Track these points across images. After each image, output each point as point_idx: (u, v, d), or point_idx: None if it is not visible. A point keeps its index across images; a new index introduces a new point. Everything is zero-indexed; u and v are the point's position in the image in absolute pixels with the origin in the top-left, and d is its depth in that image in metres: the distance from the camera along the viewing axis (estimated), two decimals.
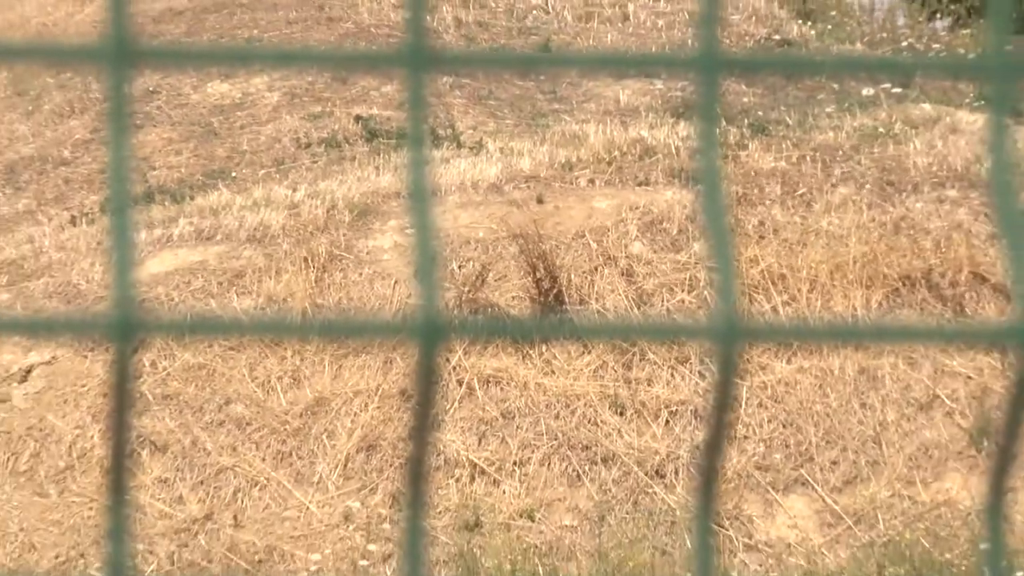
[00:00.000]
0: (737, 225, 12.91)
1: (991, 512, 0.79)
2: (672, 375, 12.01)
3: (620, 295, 12.55)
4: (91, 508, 10.98)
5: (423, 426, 0.76)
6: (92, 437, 11.32)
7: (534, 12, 19.08)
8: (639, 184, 13.63)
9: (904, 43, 20.61)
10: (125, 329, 0.71)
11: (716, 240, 0.73)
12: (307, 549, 10.88)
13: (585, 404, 11.75)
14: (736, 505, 11.24)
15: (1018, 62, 0.79)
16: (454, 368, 11.42)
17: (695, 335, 0.74)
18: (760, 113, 15.10)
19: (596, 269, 12.64)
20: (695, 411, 11.77)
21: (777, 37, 18.68)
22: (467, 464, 11.25)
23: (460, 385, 11.27)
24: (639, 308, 12.41)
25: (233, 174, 15.02)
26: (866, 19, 22.59)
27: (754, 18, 18.91)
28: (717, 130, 0.75)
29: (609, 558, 10.74)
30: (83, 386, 11.66)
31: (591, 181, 13.73)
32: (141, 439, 11.32)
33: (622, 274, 12.69)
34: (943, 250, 12.78)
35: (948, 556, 10.61)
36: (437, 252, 0.76)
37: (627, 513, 11.16)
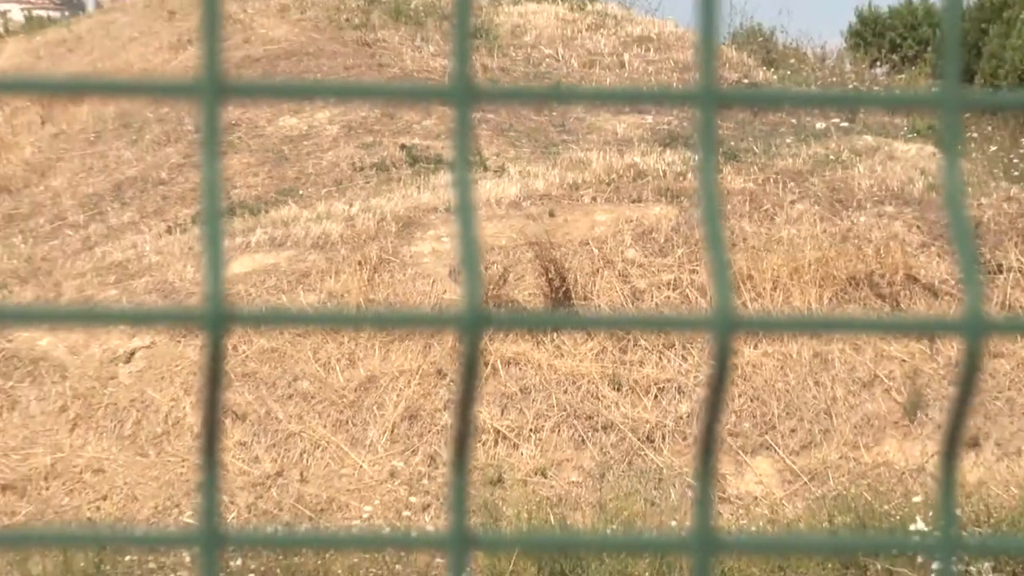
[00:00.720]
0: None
1: (944, 474, 0.78)
2: (660, 358, 12.02)
3: (617, 292, 12.55)
4: (183, 466, 10.99)
5: (467, 400, 0.74)
6: (184, 408, 11.33)
7: (547, 60, 19.10)
8: (632, 201, 13.63)
9: (850, 86, 20.70)
10: (217, 320, 0.70)
11: (713, 247, 0.72)
12: (360, 501, 10.88)
13: (588, 381, 11.75)
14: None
15: (969, 97, 0.77)
16: (481, 351, 11.42)
17: (697, 327, 0.72)
18: (732, 143, 15.09)
19: (597, 271, 12.63)
20: (679, 387, 11.77)
21: (746, 81, 18.69)
22: (492, 431, 11.25)
23: (486, 365, 11.24)
24: (633, 303, 12.41)
25: (300, 192, 15.03)
26: (819, 66, 22.60)
27: (727, 64, 18.88)
28: (715, 156, 0.73)
29: (608, 508, 10.75)
30: (177, 366, 11.66)
31: (593, 198, 13.73)
32: (224, 410, 11.32)
33: (619, 275, 12.69)
34: (882, 256, 12.76)
35: (886, 508, 10.61)
36: (479, 257, 0.75)
37: (623, 471, 11.15)
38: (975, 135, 17.14)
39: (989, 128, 17.13)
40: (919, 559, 9.21)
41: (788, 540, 0.94)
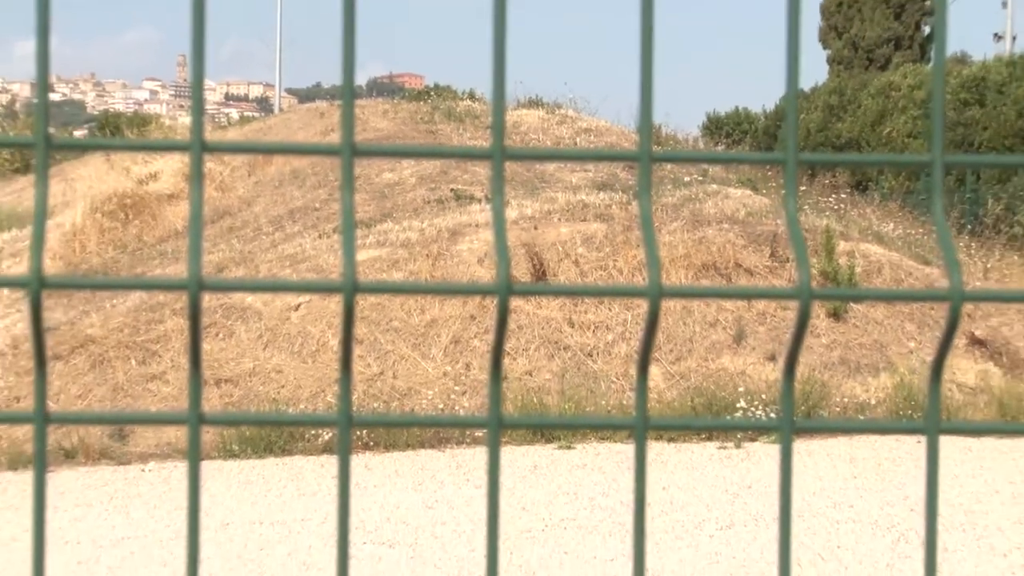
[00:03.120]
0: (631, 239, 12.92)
1: (786, 377, 0.73)
2: (598, 309, 12.00)
3: (572, 272, 12.53)
4: (328, 369, 10.99)
5: (500, 336, 0.69)
6: (328, 336, 11.33)
7: (533, 141, 19.07)
8: (581, 220, 13.61)
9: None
10: (351, 288, 0.65)
11: (648, 245, 0.67)
12: (426, 389, 10.87)
13: (555, 322, 11.73)
14: (624, 373, 11.20)
15: (803, 158, 0.73)
16: (508, 308, 11.49)
17: (637, 294, 0.67)
18: (633, 188, 15.10)
19: (561, 260, 12.62)
20: (607, 325, 11.76)
21: None
22: None
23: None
24: (581, 279, 12.40)
25: (393, 215, 15.01)
26: (680, 142, 22.69)
27: (630, 142, 18.89)
28: (648, 193, 0.68)
29: (566, 394, 10.72)
30: (324, 313, 11.66)
31: (559, 219, 13.71)
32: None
33: (573, 263, 12.67)
34: (721, 252, 12.74)
35: (723, 395, 10.55)
36: (507, 252, 0.70)
37: (575, 374, 11.14)
38: (776, 179, 17.14)
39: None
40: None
41: (672, 420, 0.90)
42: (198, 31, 0.69)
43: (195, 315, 0.68)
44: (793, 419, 0.71)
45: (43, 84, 0.67)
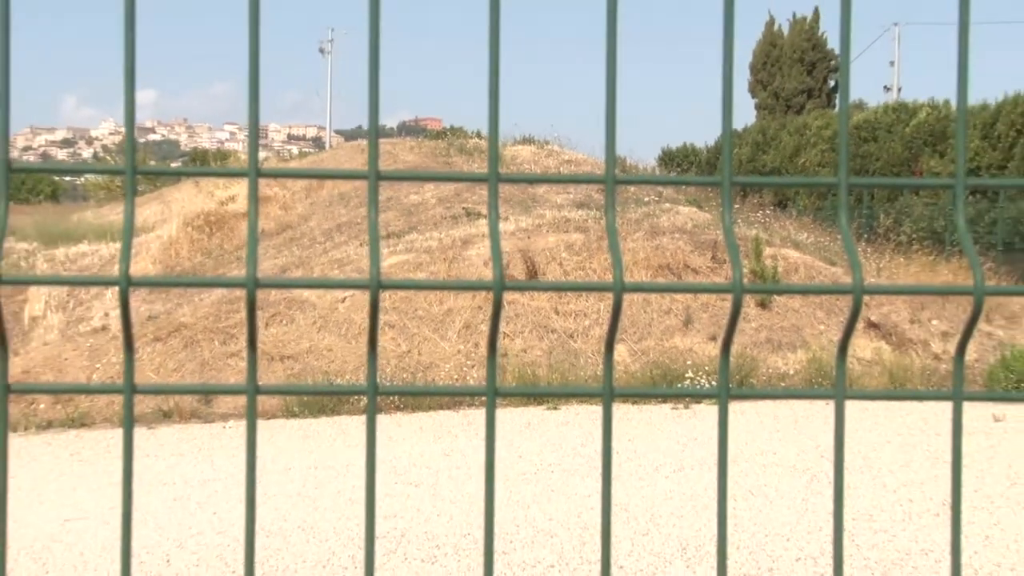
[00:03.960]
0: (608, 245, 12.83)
1: (723, 354, 0.71)
2: (577, 301, 11.95)
3: (558, 272, 12.48)
4: (361, 347, 10.94)
5: (495, 326, 0.68)
6: (364, 321, 11.28)
7: (525, 170, 18.98)
8: (564, 232, 13.56)
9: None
10: (377, 286, 0.63)
11: (613, 250, 0.65)
12: (443, 363, 10.84)
13: (544, 310, 11.69)
14: (598, 351, 11.16)
15: (738, 180, 0.71)
16: (502, 301, 11.42)
17: (602, 289, 0.66)
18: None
19: (548, 263, 12.57)
20: (584, 313, 11.71)
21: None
22: (501, 334, 11.21)
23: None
24: (564, 277, 12.35)
25: (417, 228, 14.95)
26: (640, 169, 22.51)
27: (597, 169, 18.81)
28: (613, 210, 0.67)
29: (553, 367, 10.69)
30: (364, 303, 11.61)
31: (547, 231, 13.66)
32: (381, 325, 11.27)
33: (559, 264, 12.62)
34: (674, 256, 12.69)
35: (675, 367, 10.53)
36: (500, 256, 0.68)
37: (559, 351, 11.11)
38: (715, 199, 17.09)
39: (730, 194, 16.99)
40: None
41: (635, 388, 0.87)
42: (253, 87, 0.67)
43: (251, 307, 0.67)
44: (729, 387, 0.70)
45: (130, 126, 0.65)
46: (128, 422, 0.66)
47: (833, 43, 29.57)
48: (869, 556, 5.09)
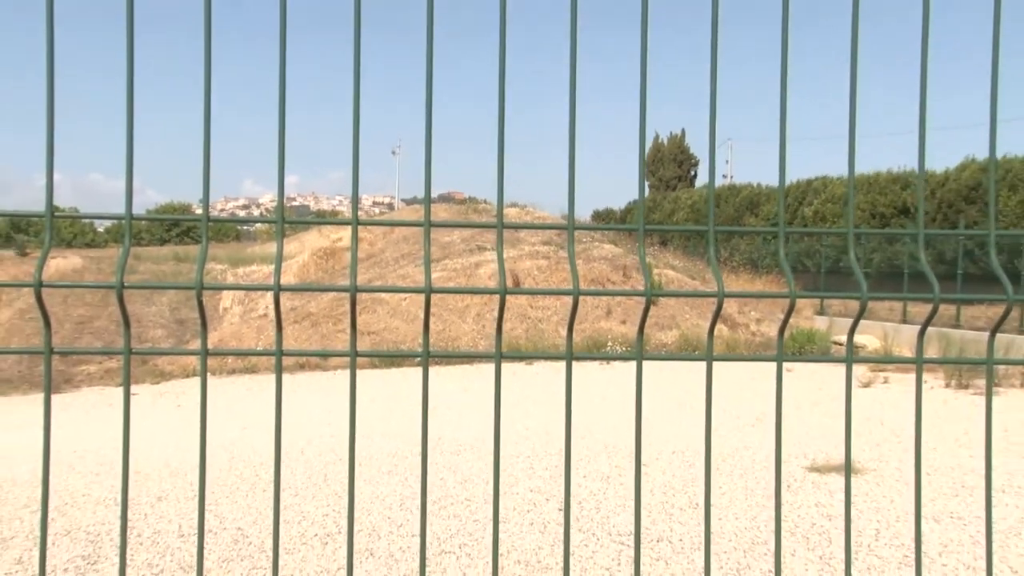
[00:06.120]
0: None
1: (639, 333, 0.68)
2: (545, 301, 11.82)
3: (533, 283, 12.39)
4: (420, 328, 10.74)
5: (501, 317, 0.65)
6: (420, 314, 11.09)
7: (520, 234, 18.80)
8: (543, 258, 13.48)
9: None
10: (429, 291, 0.60)
11: (572, 269, 0.62)
12: (464, 337, 10.71)
13: (523, 306, 11.59)
14: (557, 332, 11.06)
15: (649, 228, 0.69)
16: (505, 303, 11.22)
17: (564, 293, 0.63)
18: (557, 243, 14.79)
19: (526, 278, 12.48)
20: (552, 308, 11.60)
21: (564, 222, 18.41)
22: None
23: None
24: (537, 286, 12.28)
25: (448, 256, 14.83)
26: (583, 221, 22.26)
27: (545, 220, 18.72)
28: (573, 244, 0.64)
29: (528, 339, 10.58)
30: (420, 301, 11.42)
31: (526, 258, 13.57)
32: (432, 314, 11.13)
33: (532, 278, 12.53)
34: (600, 273, 12.61)
35: (601, 339, 10.44)
36: (504, 272, 0.65)
37: (533, 331, 11.00)
38: (630, 241, 17.05)
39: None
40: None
41: (580, 353, 0.83)
42: (355, 174, 0.65)
43: (353, 303, 0.64)
44: (642, 352, 0.68)
45: (280, 195, 0.63)
46: (278, 373, 0.64)
47: (694, 150, 30.20)
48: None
